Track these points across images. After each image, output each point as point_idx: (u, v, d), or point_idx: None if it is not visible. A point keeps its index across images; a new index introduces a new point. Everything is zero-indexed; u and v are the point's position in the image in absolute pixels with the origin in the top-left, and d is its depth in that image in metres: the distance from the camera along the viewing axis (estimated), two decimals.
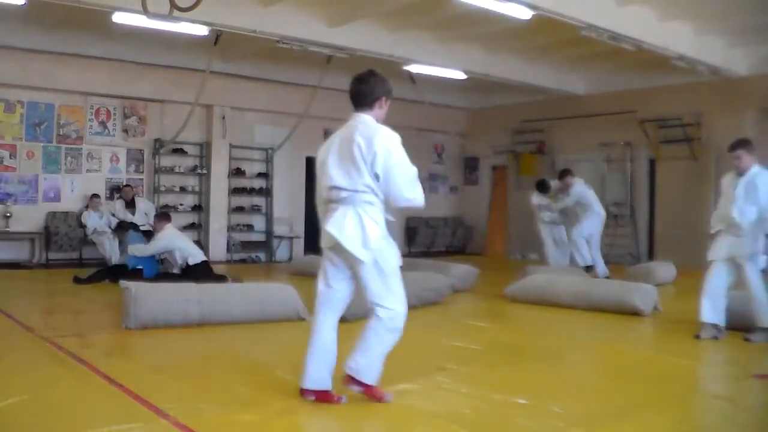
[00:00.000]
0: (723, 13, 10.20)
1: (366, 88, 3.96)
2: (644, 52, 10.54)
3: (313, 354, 3.87)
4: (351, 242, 3.68)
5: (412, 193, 3.75)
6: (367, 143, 3.68)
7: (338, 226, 3.71)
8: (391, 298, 3.76)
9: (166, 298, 6.17)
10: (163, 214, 9.97)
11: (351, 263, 3.77)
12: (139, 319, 5.96)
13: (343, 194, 3.74)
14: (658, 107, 13.29)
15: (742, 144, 5.86)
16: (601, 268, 10.42)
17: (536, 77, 13.50)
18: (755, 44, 11.70)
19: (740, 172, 5.83)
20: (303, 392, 3.87)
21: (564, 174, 10.70)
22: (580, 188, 10.50)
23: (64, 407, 3.73)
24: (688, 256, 11.87)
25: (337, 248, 3.77)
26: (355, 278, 3.83)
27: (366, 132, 3.74)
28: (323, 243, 3.86)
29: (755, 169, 5.78)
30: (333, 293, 3.90)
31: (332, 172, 3.78)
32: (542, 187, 11.12)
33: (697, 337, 5.82)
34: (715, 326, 5.79)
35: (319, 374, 3.84)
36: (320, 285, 3.94)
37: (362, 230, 3.69)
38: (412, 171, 3.79)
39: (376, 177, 3.68)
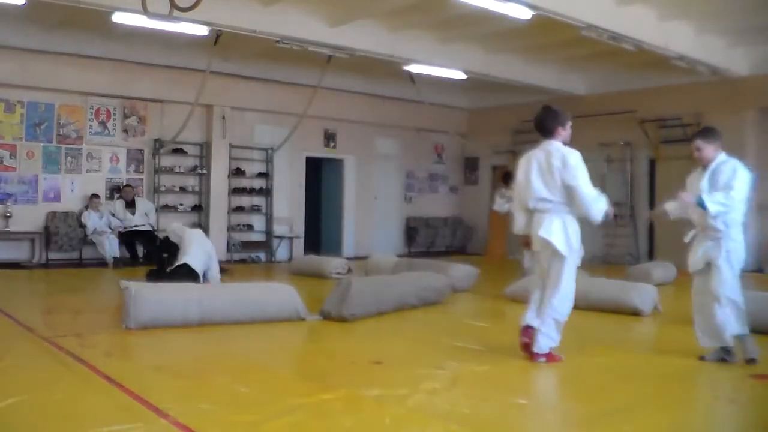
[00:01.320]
0: (723, 13, 10.20)
1: (543, 124, 5.09)
2: (644, 52, 10.54)
3: None
4: (558, 242, 4.87)
5: (597, 202, 4.91)
6: (563, 164, 4.88)
7: (547, 230, 4.90)
8: (563, 289, 4.96)
9: (166, 298, 6.17)
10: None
11: (551, 258, 4.95)
12: (139, 319, 5.95)
13: (549, 205, 4.93)
14: (658, 107, 13.29)
15: (702, 134, 5.22)
16: None
17: (536, 77, 13.50)
18: (755, 44, 11.70)
19: (704, 165, 5.15)
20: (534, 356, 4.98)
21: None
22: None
23: (64, 407, 3.73)
24: (688, 257, 11.86)
25: (545, 248, 4.96)
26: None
27: (559, 156, 4.92)
28: (535, 246, 5.08)
29: (721, 158, 5.10)
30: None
31: (537, 187, 4.95)
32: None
33: (702, 359, 5.16)
34: (723, 348, 5.07)
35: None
36: (537, 276, 5.26)
37: (566, 233, 4.90)
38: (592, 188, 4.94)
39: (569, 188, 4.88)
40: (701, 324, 5.13)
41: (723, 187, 4.95)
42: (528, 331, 5.04)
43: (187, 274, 8.23)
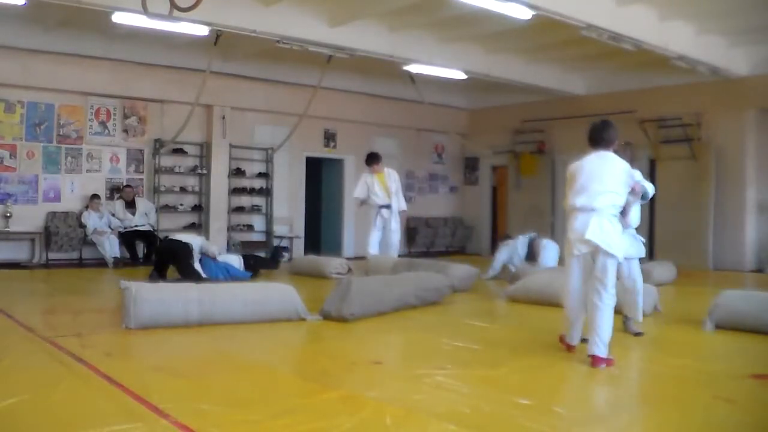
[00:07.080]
0: (723, 13, 10.20)
1: (605, 135, 5.13)
2: (644, 52, 10.54)
3: None
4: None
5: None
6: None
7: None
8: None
9: (166, 298, 6.16)
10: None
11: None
12: (139, 319, 5.96)
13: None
14: (658, 107, 13.29)
15: None
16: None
17: (536, 77, 13.51)
18: (755, 44, 11.71)
19: None
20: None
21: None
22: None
23: (64, 407, 3.73)
24: (688, 256, 11.87)
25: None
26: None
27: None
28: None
29: None
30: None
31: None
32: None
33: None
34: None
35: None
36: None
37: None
38: None
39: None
40: None
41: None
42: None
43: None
